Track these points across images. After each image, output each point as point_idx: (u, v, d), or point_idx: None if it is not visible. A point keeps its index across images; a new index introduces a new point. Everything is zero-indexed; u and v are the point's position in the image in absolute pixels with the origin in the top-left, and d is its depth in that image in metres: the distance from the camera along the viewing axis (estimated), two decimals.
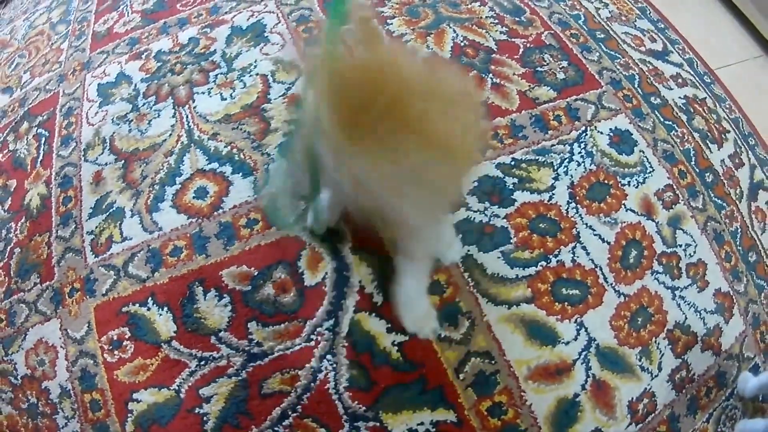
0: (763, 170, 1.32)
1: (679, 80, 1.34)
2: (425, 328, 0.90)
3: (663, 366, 0.99)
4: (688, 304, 1.05)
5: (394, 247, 0.87)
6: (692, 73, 1.39)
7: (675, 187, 1.14)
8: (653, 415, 0.95)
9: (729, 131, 1.31)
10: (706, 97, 1.34)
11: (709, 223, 1.14)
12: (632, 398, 0.95)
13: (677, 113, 1.26)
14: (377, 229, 0.80)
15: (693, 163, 1.20)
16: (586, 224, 1.05)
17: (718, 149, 1.26)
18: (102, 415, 0.92)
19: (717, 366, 1.02)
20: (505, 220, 1.02)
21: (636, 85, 1.26)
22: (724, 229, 1.15)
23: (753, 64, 1.58)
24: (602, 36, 1.34)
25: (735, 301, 1.08)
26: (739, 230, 1.18)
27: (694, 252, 1.10)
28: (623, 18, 1.45)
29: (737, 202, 1.22)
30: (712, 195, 1.18)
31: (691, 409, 0.97)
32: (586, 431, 0.91)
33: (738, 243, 1.15)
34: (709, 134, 1.27)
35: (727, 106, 1.38)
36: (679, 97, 1.30)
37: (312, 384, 0.88)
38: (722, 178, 1.22)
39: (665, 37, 1.45)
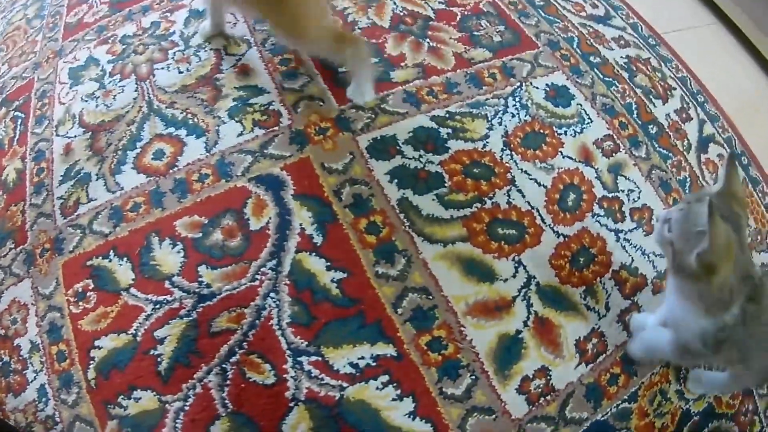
0: (714, 126, 1.35)
1: (621, 42, 1.38)
2: (359, 98, 1.12)
3: (611, 306, 0.99)
4: (635, 247, 1.06)
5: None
6: (636, 35, 1.43)
7: (615, 137, 1.17)
8: (604, 355, 0.95)
9: (675, 88, 1.34)
10: (650, 57, 1.38)
11: (653, 171, 1.16)
12: (579, 337, 0.95)
13: (618, 71, 1.30)
14: None
15: (635, 116, 1.23)
16: (521, 169, 1.08)
17: (663, 104, 1.29)
18: (67, 365, 0.93)
19: None
20: (439, 166, 1.06)
21: (575, 46, 1.31)
22: (671, 178, 1.17)
23: (707, 30, 1.62)
24: (541, 3, 1.39)
25: None
26: (689, 179, 1.19)
27: (638, 197, 1.11)
28: None
29: (685, 153, 1.23)
30: (656, 145, 1.21)
31: None
32: (533, 369, 0.91)
33: (688, 192, 1.16)
34: (653, 90, 1.30)
35: (674, 65, 1.41)
36: (621, 57, 1.34)
37: (257, 321, 0.91)
38: (668, 130, 1.25)
39: (608, 4, 1.49)
